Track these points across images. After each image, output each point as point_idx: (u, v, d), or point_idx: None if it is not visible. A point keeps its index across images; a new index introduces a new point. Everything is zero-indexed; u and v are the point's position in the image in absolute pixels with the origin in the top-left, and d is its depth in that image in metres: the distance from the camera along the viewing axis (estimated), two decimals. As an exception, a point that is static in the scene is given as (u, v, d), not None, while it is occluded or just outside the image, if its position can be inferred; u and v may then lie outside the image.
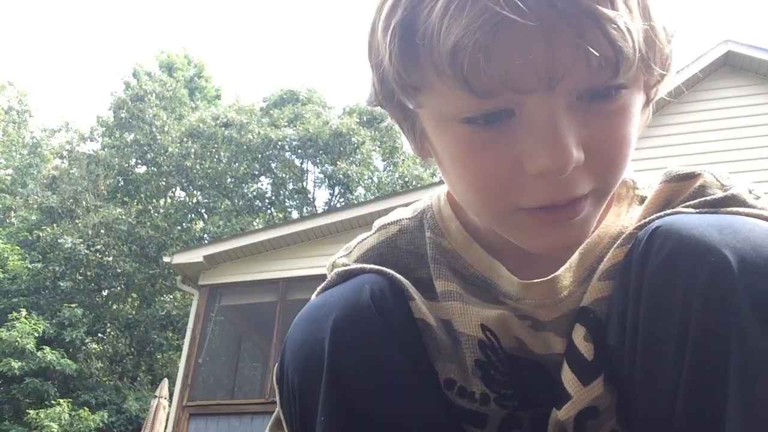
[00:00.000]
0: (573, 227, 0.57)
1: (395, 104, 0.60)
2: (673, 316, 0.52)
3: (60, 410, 11.83)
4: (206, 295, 8.45)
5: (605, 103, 0.53)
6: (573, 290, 0.65)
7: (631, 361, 0.55)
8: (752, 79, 7.73)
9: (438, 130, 0.58)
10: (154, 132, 17.56)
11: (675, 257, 0.52)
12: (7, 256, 15.00)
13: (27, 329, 12.72)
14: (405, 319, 0.64)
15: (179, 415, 7.70)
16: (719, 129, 7.38)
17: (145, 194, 18.36)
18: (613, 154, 0.56)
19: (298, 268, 8.27)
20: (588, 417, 0.61)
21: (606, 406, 0.61)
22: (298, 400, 0.63)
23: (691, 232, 0.52)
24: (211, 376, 10.14)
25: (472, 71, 0.49)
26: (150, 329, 15.55)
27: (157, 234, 16.22)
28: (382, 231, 0.75)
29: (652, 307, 0.53)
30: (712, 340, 0.49)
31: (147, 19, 58.48)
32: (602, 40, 0.49)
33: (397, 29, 0.52)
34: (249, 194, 18.49)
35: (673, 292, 0.52)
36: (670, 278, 0.52)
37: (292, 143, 17.83)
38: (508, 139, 0.53)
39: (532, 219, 0.56)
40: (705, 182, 0.66)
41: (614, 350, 0.58)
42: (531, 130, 0.52)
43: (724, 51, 7.66)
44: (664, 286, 0.53)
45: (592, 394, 0.60)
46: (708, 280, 0.50)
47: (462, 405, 0.67)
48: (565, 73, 0.50)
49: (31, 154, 20.38)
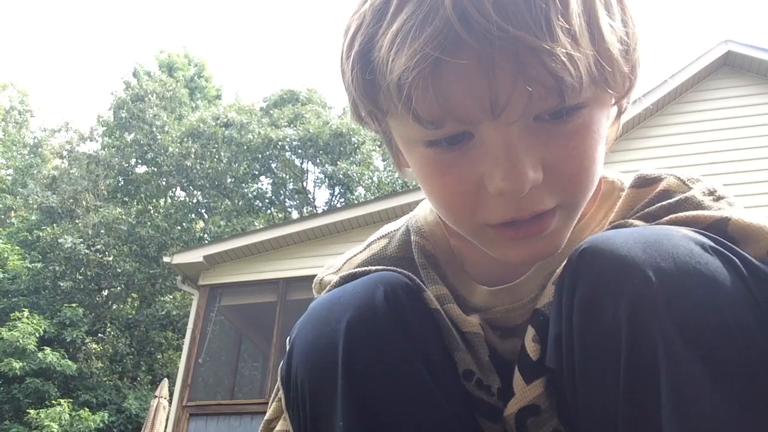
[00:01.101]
0: (542, 240, 0.59)
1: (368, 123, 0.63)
2: (603, 343, 0.51)
3: (60, 410, 11.84)
4: (206, 295, 8.45)
5: (563, 123, 0.55)
6: (538, 294, 0.66)
7: (570, 384, 0.55)
8: (752, 79, 7.73)
9: (406, 150, 0.61)
10: (154, 132, 17.57)
11: (600, 281, 0.52)
12: (7, 256, 15.01)
13: (29, 329, 12.73)
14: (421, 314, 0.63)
15: (179, 415, 7.70)
16: (719, 129, 7.38)
17: (145, 194, 18.36)
18: (574, 171, 0.57)
19: (298, 268, 8.27)
20: (529, 415, 0.62)
21: (547, 406, 0.62)
22: (309, 404, 0.61)
23: (615, 253, 0.52)
24: (211, 376, 10.14)
25: (418, 103, 0.52)
26: (150, 329, 15.56)
27: (157, 234, 16.22)
28: (372, 245, 0.77)
29: (583, 332, 0.53)
30: (641, 364, 0.49)
31: (147, 19, 58.51)
32: (542, 71, 0.50)
33: (356, 60, 0.54)
34: (249, 194, 18.49)
35: (601, 318, 0.51)
36: (597, 303, 0.52)
37: (292, 143, 17.84)
38: (470, 160, 0.56)
39: (499, 235, 0.59)
40: (668, 186, 0.67)
41: (551, 371, 0.59)
42: (488, 153, 0.55)
43: (724, 51, 7.66)
44: (592, 312, 0.52)
45: (534, 393, 0.61)
46: (632, 303, 0.49)
47: (480, 397, 0.67)
48: (507, 104, 0.51)
49: (31, 154, 20.38)
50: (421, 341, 0.61)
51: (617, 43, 0.53)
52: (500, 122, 0.53)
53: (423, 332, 0.62)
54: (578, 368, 0.54)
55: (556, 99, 0.52)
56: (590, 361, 0.53)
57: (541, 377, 0.61)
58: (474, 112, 0.52)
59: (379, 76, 0.53)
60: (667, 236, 0.53)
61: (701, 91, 7.56)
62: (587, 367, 0.53)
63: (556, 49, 0.49)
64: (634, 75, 0.57)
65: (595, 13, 0.52)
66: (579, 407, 0.55)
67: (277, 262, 8.37)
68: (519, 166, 0.53)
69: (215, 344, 9.59)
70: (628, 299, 0.49)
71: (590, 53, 0.51)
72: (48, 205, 16.59)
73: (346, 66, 0.57)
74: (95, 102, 54.46)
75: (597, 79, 0.53)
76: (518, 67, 0.50)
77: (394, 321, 0.60)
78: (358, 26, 0.55)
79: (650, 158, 6.80)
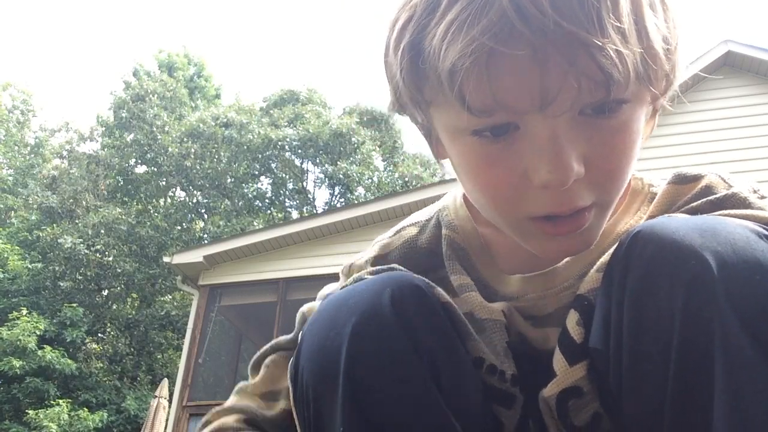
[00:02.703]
0: (577, 237, 0.61)
1: (410, 113, 0.64)
2: (656, 325, 0.52)
3: (59, 410, 11.83)
4: (206, 295, 8.45)
5: (607, 118, 0.56)
6: (573, 282, 0.67)
7: (616, 366, 0.56)
8: (752, 79, 7.73)
9: (450, 140, 0.62)
10: (154, 132, 17.56)
11: (655, 264, 0.52)
12: (7, 256, 15.00)
13: (29, 328, 12.73)
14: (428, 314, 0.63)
15: (179, 415, 7.70)
16: (719, 129, 7.38)
17: (145, 194, 18.36)
18: (612, 167, 0.58)
19: (298, 268, 8.27)
20: (571, 396, 0.62)
21: (589, 389, 0.62)
22: (313, 405, 0.62)
23: (671, 237, 0.52)
24: (211, 376, 10.14)
25: (469, 91, 0.53)
26: (150, 329, 15.55)
27: (157, 234, 16.22)
28: (402, 232, 0.78)
29: (635, 314, 0.53)
30: (695, 348, 0.49)
31: (147, 19, 58.50)
32: (592, 65, 0.52)
33: (406, 50, 0.56)
34: (249, 194, 18.49)
35: (655, 300, 0.52)
36: (652, 285, 0.52)
37: (292, 143, 17.84)
38: (516, 151, 0.57)
39: (539, 229, 0.60)
40: (710, 183, 0.68)
41: (598, 352, 0.59)
42: (534, 144, 0.56)
43: (724, 51, 7.66)
44: (646, 294, 0.53)
45: (577, 375, 0.62)
46: (688, 287, 0.49)
47: (492, 383, 0.67)
48: (556, 96, 0.53)
49: (32, 154, 20.38)
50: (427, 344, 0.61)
51: (661, 42, 0.55)
52: (547, 114, 0.54)
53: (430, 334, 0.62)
54: (626, 349, 0.54)
55: (603, 93, 0.53)
56: (640, 343, 0.53)
57: (585, 360, 0.61)
58: (524, 102, 0.53)
59: (430, 65, 0.54)
60: (722, 223, 0.53)
61: (701, 91, 7.56)
62: (637, 348, 0.53)
63: (606, 45, 0.51)
64: (673, 74, 0.59)
65: (641, 12, 0.53)
66: (624, 389, 0.55)
67: (277, 262, 8.37)
68: (564, 159, 0.55)
69: (215, 344, 9.59)
70: (685, 281, 0.50)
71: (637, 50, 0.53)
72: (48, 205, 16.59)
73: (394, 56, 0.58)
74: (95, 102, 54.50)
75: (641, 77, 0.54)
76: (570, 60, 0.51)
77: (398, 326, 0.59)
78: (409, 17, 0.56)
79: (650, 158, 6.79)
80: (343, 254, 8.19)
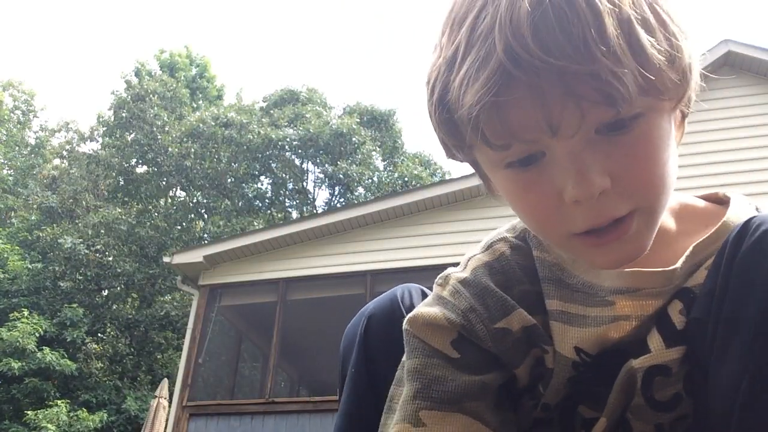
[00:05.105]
0: (626, 243, 0.65)
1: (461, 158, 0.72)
2: (756, 291, 0.57)
3: (57, 411, 11.82)
4: (206, 295, 8.45)
5: (623, 134, 0.61)
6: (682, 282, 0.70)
7: (712, 331, 0.61)
8: (752, 79, 7.74)
9: (492, 175, 0.70)
10: (154, 132, 17.56)
11: (765, 240, 0.58)
12: (7, 256, 15.01)
13: (28, 329, 12.72)
14: None
15: (179, 415, 7.70)
16: (719, 129, 7.38)
17: (145, 194, 18.36)
18: (640, 175, 0.63)
19: (298, 268, 8.28)
20: (659, 373, 0.68)
21: (678, 372, 0.67)
22: (342, 361, 0.89)
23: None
24: (211, 376, 10.14)
25: (486, 130, 0.61)
26: (150, 329, 15.55)
27: (157, 234, 16.22)
28: (495, 248, 0.83)
29: (738, 283, 0.59)
30: None
31: (149, 19, 58.50)
32: (588, 90, 0.57)
33: (437, 104, 0.65)
34: (249, 194, 18.49)
35: (759, 270, 0.57)
36: (759, 258, 0.58)
37: (292, 143, 17.84)
38: (547, 176, 0.63)
39: (584, 243, 0.66)
40: None
41: (698, 322, 0.64)
42: (559, 166, 0.62)
43: (724, 51, 7.67)
44: (751, 265, 0.59)
45: (670, 356, 0.67)
46: None
47: None
48: (561, 122, 0.59)
49: (32, 154, 20.38)
50: None
51: (659, 54, 0.59)
52: (561, 138, 0.60)
53: None
54: (725, 316, 0.60)
55: (610, 110, 0.59)
56: (739, 310, 0.58)
57: (681, 346, 0.67)
58: (535, 133, 0.60)
59: (454, 113, 0.63)
60: None
61: (701, 90, 7.56)
62: (735, 315, 0.59)
63: (596, 69, 0.56)
64: (686, 81, 0.63)
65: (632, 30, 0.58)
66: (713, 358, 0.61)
67: (277, 262, 8.37)
68: (585, 173, 0.61)
69: (215, 344, 9.59)
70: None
71: (633, 66, 0.58)
72: (48, 205, 16.60)
73: (431, 110, 0.67)
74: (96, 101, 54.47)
75: (645, 89, 0.59)
76: (565, 89, 0.58)
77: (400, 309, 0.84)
78: (436, 77, 0.65)
79: (650, 158, 6.80)
80: (343, 254, 8.20)
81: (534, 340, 0.74)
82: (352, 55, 72.89)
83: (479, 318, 0.73)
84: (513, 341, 0.74)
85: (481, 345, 0.73)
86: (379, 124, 19.34)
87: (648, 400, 0.69)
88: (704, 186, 6.60)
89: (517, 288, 0.76)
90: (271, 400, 7.74)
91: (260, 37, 67.64)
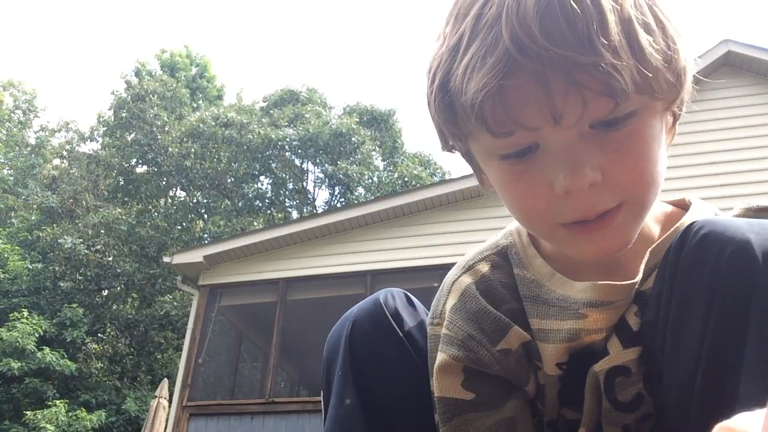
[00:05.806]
0: (610, 233, 0.67)
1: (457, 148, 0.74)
2: (701, 285, 0.59)
3: (56, 411, 11.80)
4: (206, 295, 8.45)
5: (615, 130, 0.63)
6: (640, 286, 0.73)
7: (663, 331, 0.64)
8: (752, 79, 7.73)
9: (485, 165, 0.72)
10: (154, 132, 17.55)
11: (707, 239, 0.60)
12: (7, 256, 15.00)
13: (28, 329, 12.72)
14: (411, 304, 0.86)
15: (179, 415, 7.70)
16: (719, 129, 7.38)
17: (145, 194, 18.36)
18: (629, 169, 0.64)
19: (298, 268, 8.27)
20: (619, 374, 0.70)
21: (636, 371, 0.70)
22: (326, 365, 0.86)
23: (723, 224, 0.61)
24: (211, 376, 10.14)
25: (489, 117, 0.62)
26: (150, 329, 15.55)
27: (157, 234, 16.22)
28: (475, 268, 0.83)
29: (683, 280, 0.62)
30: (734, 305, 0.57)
31: (149, 19, 58.48)
32: (590, 79, 0.59)
33: (437, 91, 0.66)
34: (249, 194, 18.48)
35: (702, 270, 0.60)
36: (701, 259, 0.60)
37: (292, 143, 17.84)
38: (538, 166, 0.65)
39: (571, 233, 0.67)
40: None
41: (650, 324, 0.66)
42: (551, 157, 0.64)
43: (724, 51, 7.66)
44: (695, 266, 0.61)
45: (628, 357, 0.70)
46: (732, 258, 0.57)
47: None
48: (564, 110, 0.61)
49: (32, 154, 20.37)
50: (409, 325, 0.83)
51: (656, 54, 0.61)
52: (560, 127, 0.62)
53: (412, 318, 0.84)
54: (673, 315, 0.62)
55: (610, 102, 0.60)
56: (686, 308, 0.61)
57: (638, 346, 0.69)
58: (537, 119, 0.61)
59: (456, 100, 0.64)
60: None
61: (701, 90, 7.47)
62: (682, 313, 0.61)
63: (599, 61, 0.58)
64: (680, 83, 0.65)
65: (632, 29, 0.60)
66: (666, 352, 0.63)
67: (277, 262, 8.37)
68: (578, 165, 0.63)
69: (215, 344, 9.59)
70: (730, 251, 0.58)
71: (631, 63, 0.60)
72: (48, 206, 16.59)
73: (430, 98, 0.68)
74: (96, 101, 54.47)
75: (641, 86, 0.61)
76: (569, 79, 0.59)
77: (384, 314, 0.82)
78: (438, 64, 0.66)
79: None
80: (343, 254, 8.20)
81: (531, 355, 0.76)
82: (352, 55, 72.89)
83: (479, 344, 0.75)
84: (516, 359, 0.76)
85: (489, 372, 0.75)
86: (378, 124, 19.34)
87: (612, 401, 0.71)
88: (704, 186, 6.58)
89: (504, 308, 0.78)
90: (271, 400, 7.74)
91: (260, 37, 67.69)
